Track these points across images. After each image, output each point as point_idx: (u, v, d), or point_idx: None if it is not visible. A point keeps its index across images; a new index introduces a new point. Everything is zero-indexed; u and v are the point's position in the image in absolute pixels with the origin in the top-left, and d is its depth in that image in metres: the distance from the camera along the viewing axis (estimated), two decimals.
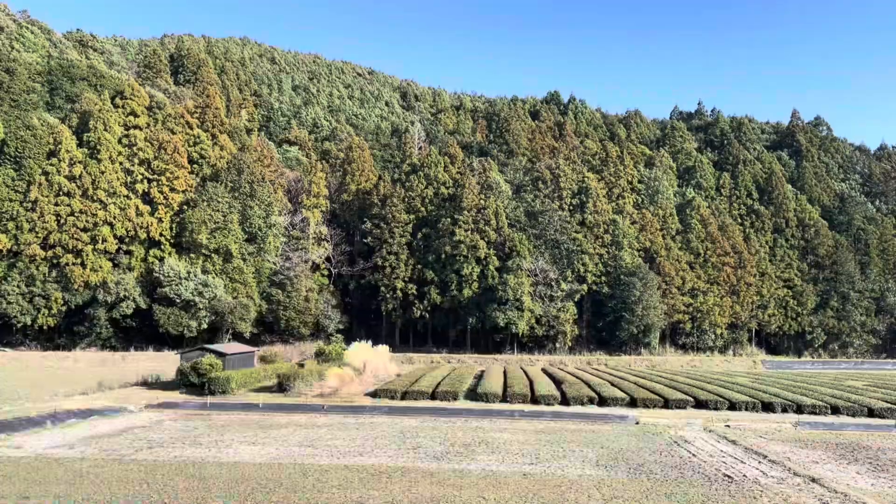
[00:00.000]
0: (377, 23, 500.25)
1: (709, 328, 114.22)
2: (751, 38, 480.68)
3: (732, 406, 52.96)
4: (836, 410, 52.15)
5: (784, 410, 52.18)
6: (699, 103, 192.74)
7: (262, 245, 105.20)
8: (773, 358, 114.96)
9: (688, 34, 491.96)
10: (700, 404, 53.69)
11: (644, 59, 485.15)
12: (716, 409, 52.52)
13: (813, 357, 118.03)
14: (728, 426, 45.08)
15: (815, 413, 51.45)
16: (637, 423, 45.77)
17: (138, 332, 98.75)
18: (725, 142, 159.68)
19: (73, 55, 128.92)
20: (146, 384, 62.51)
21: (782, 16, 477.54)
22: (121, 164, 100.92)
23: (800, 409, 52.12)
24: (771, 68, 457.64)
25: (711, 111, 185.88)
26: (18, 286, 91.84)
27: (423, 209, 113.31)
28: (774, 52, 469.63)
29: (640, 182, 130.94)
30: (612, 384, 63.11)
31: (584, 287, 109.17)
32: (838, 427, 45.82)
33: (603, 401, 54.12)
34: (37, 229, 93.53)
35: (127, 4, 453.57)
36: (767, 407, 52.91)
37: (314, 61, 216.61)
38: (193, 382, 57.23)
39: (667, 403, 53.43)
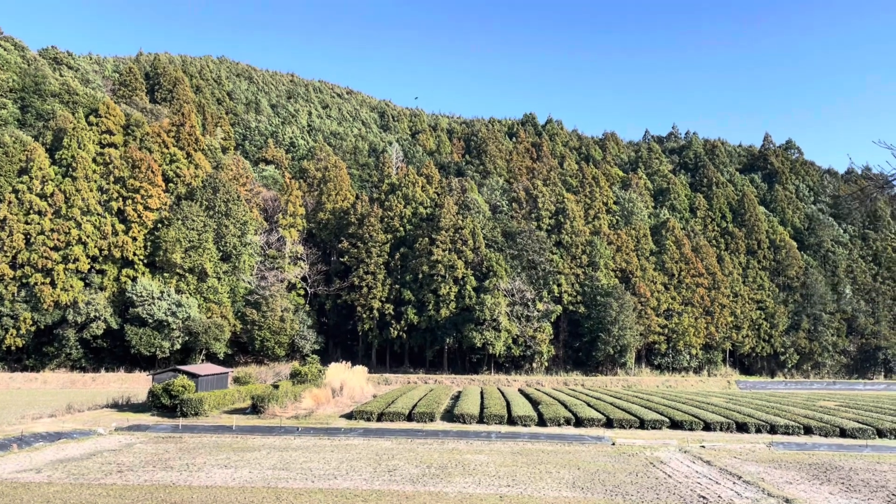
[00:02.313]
0: (355, 43, 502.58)
1: (684, 349, 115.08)
2: (723, 62, 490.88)
3: (707, 426, 53.25)
4: (808, 431, 52.67)
5: (758, 431, 52.58)
6: (673, 126, 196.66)
7: (237, 264, 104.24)
8: (746, 378, 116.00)
9: (661, 57, 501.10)
10: (675, 425, 53.91)
11: (618, 81, 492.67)
12: (691, 429, 52.77)
13: (786, 377, 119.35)
14: (703, 447, 45.30)
15: (788, 433, 51.91)
16: (613, 443, 45.82)
17: (109, 352, 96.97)
18: (699, 164, 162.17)
19: (47, 72, 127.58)
20: (117, 406, 61.34)
21: (755, 40, 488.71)
22: (95, 182, 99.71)
23: (773, 429, 52.55)
24: (743, 92, 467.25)
25: (685, 134, 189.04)
26: None
27: (401, 229, 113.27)
28: (746, 75, 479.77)
29: (615, 203, 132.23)
30: (589, 405, 63.19)
31: (560, 307, 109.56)
32: (811, 447, 46.25)
33: (580, 422, 54.14)
34: (5, 248, 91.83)
35: (102, 22, 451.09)
36: (742, 427, 53.29)
37: (291, 80, 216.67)
38: (165, 404, 56.27)
39: (643, 424, 53.57)
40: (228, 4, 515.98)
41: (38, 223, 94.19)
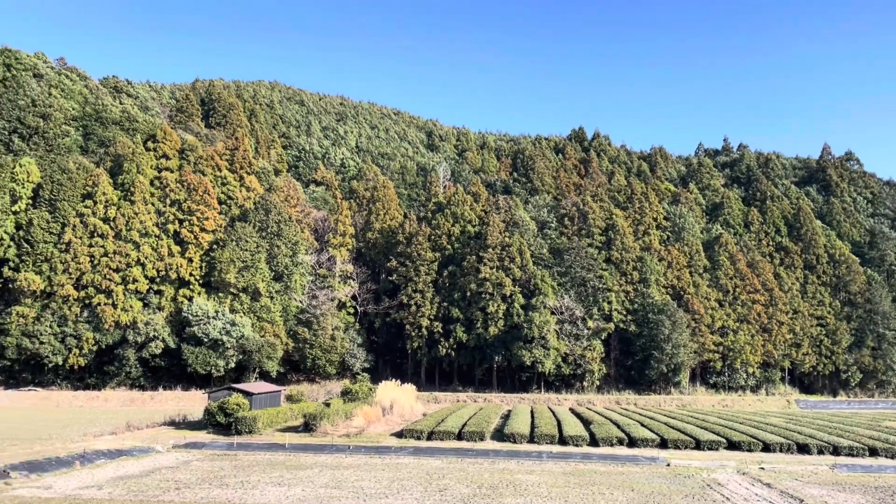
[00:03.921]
0: (402, 64, 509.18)
1: (740, 367, 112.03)
2: (776, 74, 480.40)
3: (766, 447, 51.67)
4: (874, 452, 50.59)
5: (820, 452, 50.78)
6: (725, 139, 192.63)
7: (288, 283, 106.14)
8: (807, 397, 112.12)
9: (711, 70, 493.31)
10: (733, 445, 52.46)
11: (667, 95, 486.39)
12: (749, 450, 51.28)
13: (849, 396, 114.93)
14: (762, 468, 43.95)
15: (852, 455, 49.95)
16: (668, 464, 44.84)
17: (167, 371, 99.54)
18: (752, 178, 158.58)
19: (108, 101, 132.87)
20: (174, 424, 62.83)
21: (812, 46, 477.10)
22: (153, 205, 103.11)
23: (836, 450, 50.67)
24: (799, 103, 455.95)
25: (738, 147, 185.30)
26: (51, 326, 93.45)
27: (448, 247, 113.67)
28: (802, 85, 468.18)
29: (666, 219, 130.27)
30: (642, 424, 62.02)
31: (611, 325, 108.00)
32: (877, 470, 44.42)
33: (633, 442, 53.16)
34: (70, 270, 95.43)
35: (161, 50, 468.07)
36: (803, 448, 51.53)
37: (341, 103, 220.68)
38: (220, 422, 57.40)
39: (698, 444, 52.31)
40: (281, 31, 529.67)
41: (101, 245, 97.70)
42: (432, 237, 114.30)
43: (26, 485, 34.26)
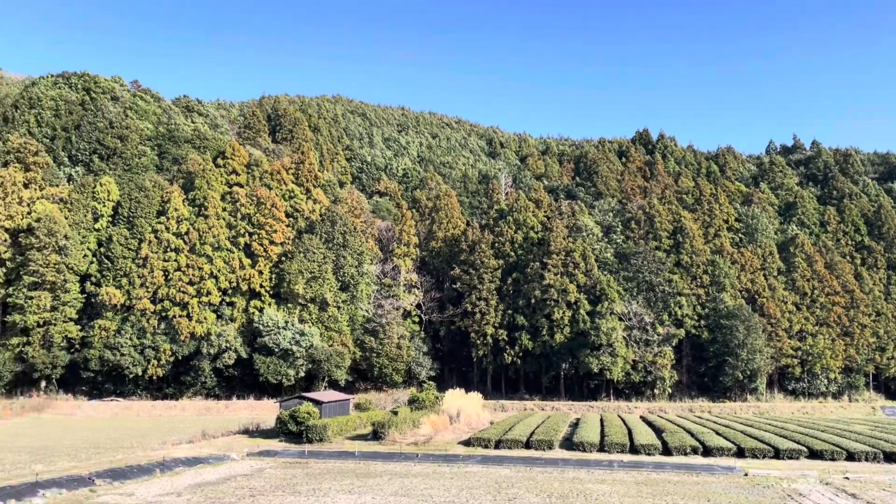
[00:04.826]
0: (462, 73, 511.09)
1: (820, 372, 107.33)
2: (846, 68, 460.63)
3: (851, 456, 49.27)
4: None
5: None
6: (794, 137, 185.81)
7: (354, 293, 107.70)
8: (893, 404, 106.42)
9: (777, 66, 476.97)
10: (814, 454, 50.23)
11: (731, 94, 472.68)
12: (832, 459, 49.01)
13: None
14: (847, 478, 41.87)
15: None
16: (745, 474, 43.26)
17: (240, 381, 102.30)
18: (829, 175, 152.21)
19: (180, 120, 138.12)
20: (247, 432, 64.42)
21: (881, 44, 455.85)
22: (224, 219, 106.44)
23: None
24: (874, 94, 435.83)
25: (810, 144, 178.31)
26: (130, 338, 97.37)
27: (511, 254, 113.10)
28: (873, 78, 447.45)
29: (737, 220, 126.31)
30: (717, 433, 60.11)
31: (682, 331, 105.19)
32: None
33: (707, 450, 51.54)
34: (147, 284, 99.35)
35: (229, 70, 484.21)
36: (890, 457, 48.92)
37: (402, 113, 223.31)
38: (292, 430, 58.55)
39: (777, 453, 50.31)
40: (343, 46, 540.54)
41: (175, 260, 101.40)
42: (495, 244, 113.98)
43: (110, 492, 35.68)
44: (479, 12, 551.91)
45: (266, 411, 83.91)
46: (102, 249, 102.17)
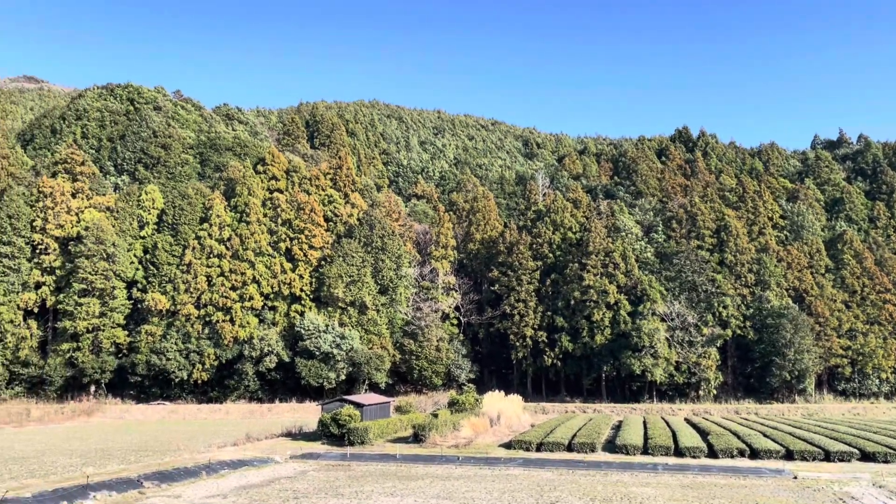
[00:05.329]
0: (498, 75, 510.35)
1: (872, 372, 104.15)
2: (891, 60, 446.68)
3: None
4: None
5: None
6: (840, 131, 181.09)
7: (393, 296, 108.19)
8: None
9: (819, 61, 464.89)
10: (867, 456, 48.66)
11: (774, 90, 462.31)
12: (885, 461, 47.40)
13: None
14: None
15: None
16: (795, 477, 42.13)
17: (282, 384, 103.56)
18: (878, 169, 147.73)
19: (221, 128, 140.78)
20: (290, 435, 65.09)
21: None
22: (265, 225, 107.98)
23: None
24: None
25: (858, 138, 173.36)
26: (176, 343, 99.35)
27: (550, 255, 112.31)
28: None
29: (782, 217, 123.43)
30: (764, 435, 58.72)
31: (728, 332, 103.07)
32: None
33: (755, 453, 50.33)
34: (191, 289, 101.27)
35: (268, 78, 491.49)
36: None
37: (438, 117, 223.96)
38: (334, 433, 58.98)
39: (828, 456, 48.87)
40: (379, 50, 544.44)
41: (218, 265, 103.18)
42: (533, 246, 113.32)
43: (158, 493, 36.37)
44: (515, 14, 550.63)
45: (308, 414, 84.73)
46: (148, 256, 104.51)
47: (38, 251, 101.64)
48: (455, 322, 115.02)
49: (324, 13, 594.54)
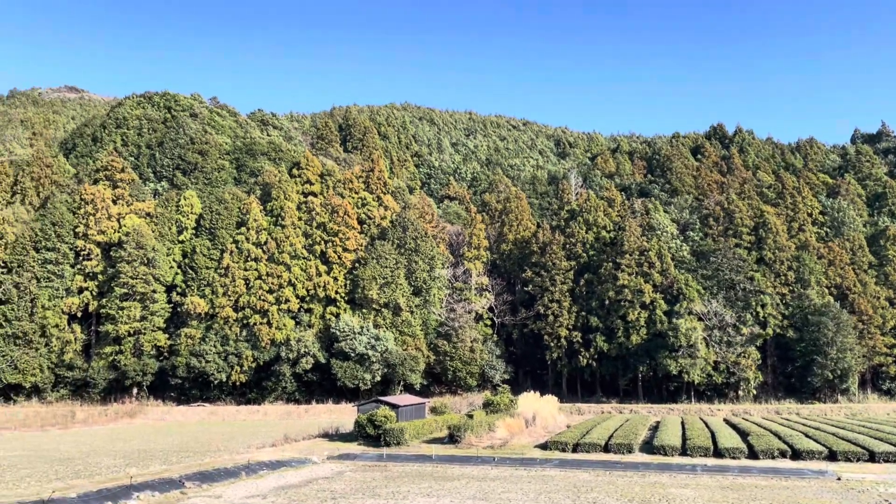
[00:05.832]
0: (528, 74, 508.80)
1: None
2: None
3: None
4: None
5: None
6: (882, 124, 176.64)
7: (427, 298, 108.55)
8: None
9: (856, 55, 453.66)
10: None
11: (813, 84, 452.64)
12: None
13: None
14: None
15: None
16: (838, 478, 41.25)
17: (318, 385, 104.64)
18: None
19: (256, 133, 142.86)
20: (327, 436, 65.76)
21: None
22: (300, 228, 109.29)
23: None
24: None
25: None
26: (215, 346, 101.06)
27: (583, 255, 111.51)
28: None
29: (822, 213, 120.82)
30: (806, 435, 57.55)
31: (769, 331, 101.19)
32: None
33: (796, 454, 49.38)
34: (229, 293, 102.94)
35: (300, 83, 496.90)
36: None
37: (470, 118, 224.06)
38: (370, 434, 59.43)
39: (873, 456, 47.71)
40: (411, 53, 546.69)
41: (255, 269, 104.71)
42: (566, 245, 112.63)
43: (199, 494, 37.10)
44: (547, 14, 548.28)
45: (344, 415, 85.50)
46: (187, 260, 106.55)
47: (80, 257, 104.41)
48: (488, 323, 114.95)
49: (355, 18, 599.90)
